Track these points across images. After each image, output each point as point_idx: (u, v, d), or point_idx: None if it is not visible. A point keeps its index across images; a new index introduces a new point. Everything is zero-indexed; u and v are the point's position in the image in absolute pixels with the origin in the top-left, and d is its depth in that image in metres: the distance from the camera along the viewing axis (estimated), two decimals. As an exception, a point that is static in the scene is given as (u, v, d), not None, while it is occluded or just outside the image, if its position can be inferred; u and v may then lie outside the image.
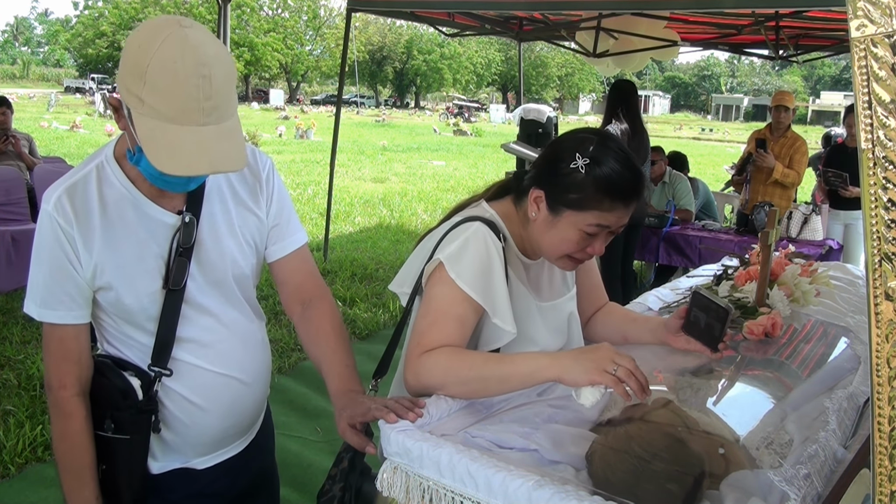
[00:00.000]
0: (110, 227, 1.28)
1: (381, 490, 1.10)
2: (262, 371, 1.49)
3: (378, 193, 11.33)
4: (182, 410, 1.38)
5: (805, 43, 6.70)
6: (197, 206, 1.34)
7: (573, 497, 0.91)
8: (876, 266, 0.67)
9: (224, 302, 1.40)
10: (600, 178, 1.28)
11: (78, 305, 1.30)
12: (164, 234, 1.31)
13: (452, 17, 6.76)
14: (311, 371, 4.08)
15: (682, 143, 24.48)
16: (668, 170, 5.79)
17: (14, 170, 5.90)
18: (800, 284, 1.86)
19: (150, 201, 1.30)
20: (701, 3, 5.07)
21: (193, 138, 1.13)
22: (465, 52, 57.00)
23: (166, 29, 1.12)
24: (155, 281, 1.30)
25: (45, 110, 26.88)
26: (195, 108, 1.12)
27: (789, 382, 1.39)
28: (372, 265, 6.65)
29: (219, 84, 1.14)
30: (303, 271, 1.50)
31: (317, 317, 1.46)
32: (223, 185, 1.39)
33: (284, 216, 1.46)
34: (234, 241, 1.39)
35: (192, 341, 1.36)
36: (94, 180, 1.30)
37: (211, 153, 1.15)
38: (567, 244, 1.34)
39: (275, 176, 1.47)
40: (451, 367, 1.23)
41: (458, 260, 1.32)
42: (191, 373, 1.37)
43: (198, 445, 1.43)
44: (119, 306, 1.31)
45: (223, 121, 1.17)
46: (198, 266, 1.34)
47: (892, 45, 0.64)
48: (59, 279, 1.28)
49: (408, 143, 22.66)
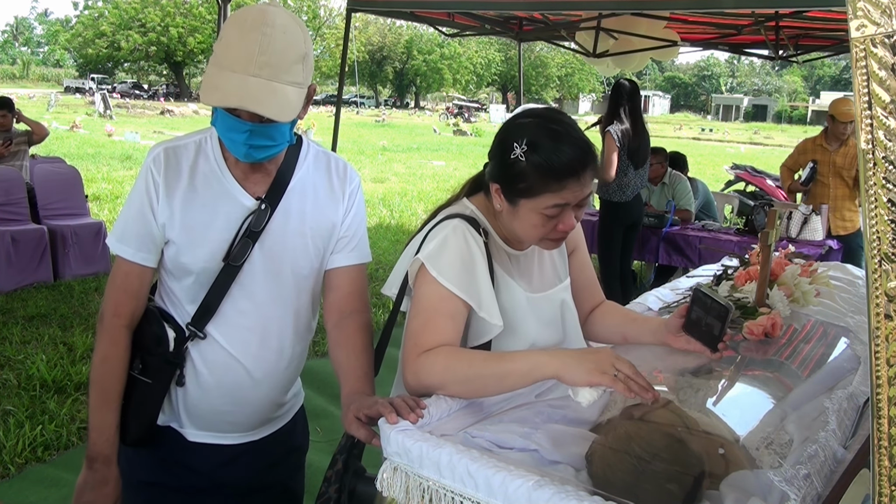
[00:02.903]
0: (193, 191, 1.41)
1: (380, 490, 1.10)
2: (275, 375, 1.51)
3: (378, 193, 11.33)
4: (191, 375, 1.46)
5: (805, 43, 6.70)
6: (276, 197, 1.44)
7: (573, 497, 0.90)
8: (876, 266, 0.67)
9: (274, 295, 1.47)
10: (540, 163, 1.28)
11: (147, 249, 1.43)
12: (239, 214, 1.42)
13: (452, 18, 6.76)
14: (311, 371, 4.07)
15: (682, 144, 24.49)
16: (668, 170, 5.79)
17: (14, 170, 5.91)
18: (800, 285, 1.86)
19: (235, 181, 1.43)
20: (701, 4, 5.07)
21: (238, 82, 1.25)
22: (465, 52, 56.95)
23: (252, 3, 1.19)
24: (216, 252, 1.40)
25: (45, 110, 26.85)
26: (248, 58, 1.25)
27: (789, 382, 1.39)
28: (372, 265, 6.64)
29: (278, 46, 1.26)
30: (354, 284, 1.55)
31: (351, 327, 1.50)
32: (307, 186, 1.49)
33: (354, 232, 1.54)
34: (302, 240, 1.47)
35: (225, 317, 1.44)
36: (193, 150, 1.44)
37: (247, 94, 1.25)
38: (535, 229, 1.35)
39: (359, 193, 1.56)
40: (450, 367, 1.23)
41: (438, 258, 1.34)
42: (209, 344, 1.45)
43: (193, 415, 1.50)
44: (176, 264, 1.43)
45: (275, 80, 1.27)
46: (260, 251, 1.43)
47: (892, 46, 0.64)
48: (138, 221, 1.42)
49: (408, 143, 22.66)
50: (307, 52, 1.32)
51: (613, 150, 4.70)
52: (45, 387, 3.70)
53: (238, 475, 1.55)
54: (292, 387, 1.63)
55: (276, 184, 1.45)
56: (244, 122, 1.30)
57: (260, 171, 1.44)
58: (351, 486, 1.25)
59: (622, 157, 4.75)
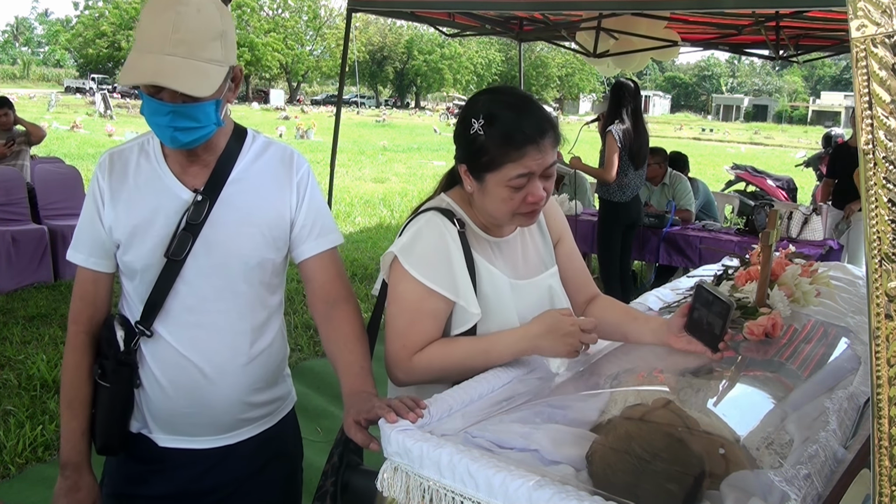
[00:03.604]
0: (136, 191, 1.42)
1: (381, 490, 1.10)
2: (233, 372, 1.46)
3: (378, 193, 11.33)
4: (146, 376, 1.45)
5: (805, 43, 6.69)
6: (216, 188, 1.42)
7: (573, 497, 0.90)
8: (876, 266, 0.67)
9: (221, 289, 1.43)
10: (497, 133, 1.32)
11: (98, 254, 1.45)
12: (177, 208, 1.40)
13: (453, 18, 6.76)
14: (311, 371, 4.08)
15: (683, 144, 24.47)
16: (668, 170, 5.79)
17: (14, 170, 5.91)
18: (800, 285, 1.86)
19: (173, 176, 1.42)
20: (701, 4, 5.06)
21: (154, 60, 1.25)
22: (466, 52, 56.99)
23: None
24: (157, 248, 1.39)
25: (46, 110, 26.87)
26: (163, 37, 1.25)
27: (790, 383, 1.39)
28: (372, 265, 6.64)
29: (193, 24, 1.26)
30: (329, 271, 1.51)
31: (339, 317, 1.47)
32: (251, 176, 1.46)
33: (314, 219, 1.50)
34: (249, 231, 1.44)
35: (173, 314, 1.42)
36: (137, 151, 1.45)
37: (162, 71, 1.25)
38: (505, 203, 1.36)
39: (309, 180, 1.53)
40: (445, 362, 1.35)
41: (410, 250, 1.38)
42: (158, 343, 1.44)
43: (158, 418, 1.47)
44: (123, 263, 1.43)
45: (191, 58, 1.26)
46: (203, 245, 1.40)
47: (893, 46, 0.64)
48: (87, 227, 1.45)
49: (408, 143, 22.65)
50: (225, 30, 1.31)
51: (615, 151, 4.70)
52: (46, 387, 3.70)
53: (216, 482, 1.50)
54: (270, 387, 1.55)
55: (214, 175, 1.42)
56: (165, 103, 1.29)
57: (198, 164, 1.42)
58: (344, 479, 1.25)
59: (623, 157, 4.75)
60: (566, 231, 1.63)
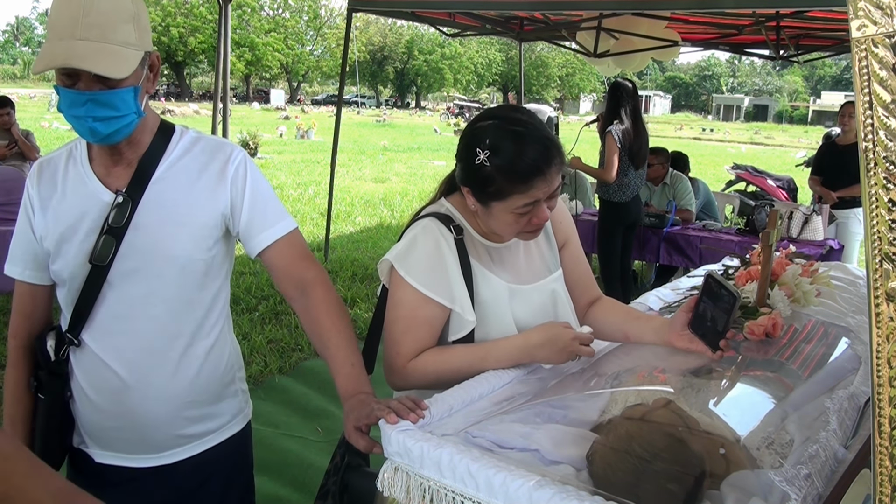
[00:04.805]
0: (63, 199, 1.37)
1: (381, 490, 1.10)
2: (163, 384, 1.39)
3: (379, 193, 11.33)
4: (76, 387, 1.42)
5: (806, 43, 6.70)
6: (139, 188, 1.36)
7: (574, 497, 0.91)
8: (876, 266, 0.67)
9: (149, 294, 1.36)
10: (504, 167, 1.30)
11: (32, 267, 1.41)
12: (100, 212, 1.35)
13: (453, 18, 6.76)
14: (311, 371, 4.08)
15: (683, 144, 24.45)
16: (669, 170, 5.79)
17: (14, 170, 5.90)
18: (801, 285, 1.86)
19: (95, 178, 1.37)
20: (701, 3, 5.07)
21: (65, 45, 1.21)
22: (466, 52, 56.94)
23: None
24: (82, 254, 1.35)
25: (46, 110, 26.85)
26: (74, 22, 1.21)
27: (790, 383, 1.38)
28: (372, 265, 6.64)
29: (104, 6, 1.22)
30: (286, 256, 1.43)
31: (314, 307, 1.39)
32: (179, 174, 1.39)
33: (259, 209, 1.42)
34: (179, 231, 1.37)
35: (100, 322, 1.38)
36: (65, 157, 1.41)
37: (74, 54, 1.21)
38: (510, 227, 1.37)
39: (247, 169, 1.43)
40: (441, 369, 1.36)
41: (405, 258, 1.37)
42: (84, 352, 1.39)
43: (90, 433, 1.44)
44: (54, 273, 1.39)
45: (104, 41, 1.22)
46: (130, 248, 1.34)
47: (893, 46, 0.64)
48: (21, 239, 1.42)
49: (408, 143, 22.65)
50: (138, 13, 1.27)
51: (615, 151, 4.70)
52: None
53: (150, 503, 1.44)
54: (213, 402, 1.47)
55: (137, 174, 1.35)
56: (82, 92, 1.23)
57: (122, 164, 1.37)
58: (344, 479, 1.26)
59: (623, 157, 4.74)
60: (573, 234, 1.62)
